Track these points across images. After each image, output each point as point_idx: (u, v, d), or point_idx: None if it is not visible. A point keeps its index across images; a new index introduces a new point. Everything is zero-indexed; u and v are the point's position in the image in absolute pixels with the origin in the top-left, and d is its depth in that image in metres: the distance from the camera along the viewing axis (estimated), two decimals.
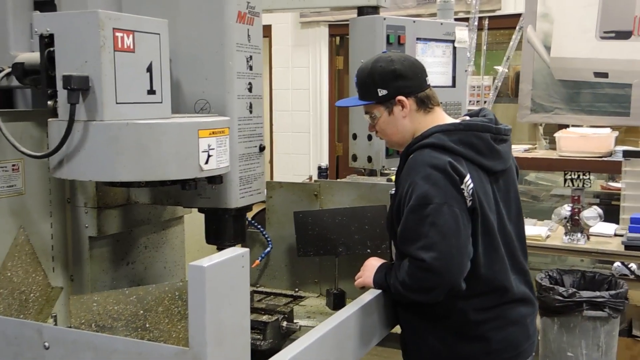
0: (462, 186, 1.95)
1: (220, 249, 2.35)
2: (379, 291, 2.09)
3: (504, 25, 6.07)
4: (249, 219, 2.63)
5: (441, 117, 2.16)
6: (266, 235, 2.72)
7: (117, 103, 1.77)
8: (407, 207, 1.97)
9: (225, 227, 2.29)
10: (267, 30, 6.97)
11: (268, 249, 2.71)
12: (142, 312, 1.72)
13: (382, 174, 3.58)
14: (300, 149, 7.00)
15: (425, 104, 2.15)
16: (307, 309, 2.62)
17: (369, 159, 2.59)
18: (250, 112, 2.25)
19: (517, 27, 5.62)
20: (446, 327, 2.05)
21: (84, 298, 1.75)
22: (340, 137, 6.97)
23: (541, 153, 5.37)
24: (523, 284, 2.13)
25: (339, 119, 7.02)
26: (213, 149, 1.88)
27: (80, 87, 1.71)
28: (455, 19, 3.02)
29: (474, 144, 2.04)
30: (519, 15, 5.68)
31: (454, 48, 2.79)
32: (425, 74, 2.20)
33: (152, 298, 1.74)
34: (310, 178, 5.81)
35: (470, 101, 5.80)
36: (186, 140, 1.82)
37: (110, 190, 2.32)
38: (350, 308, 1.94)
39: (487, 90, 5.87)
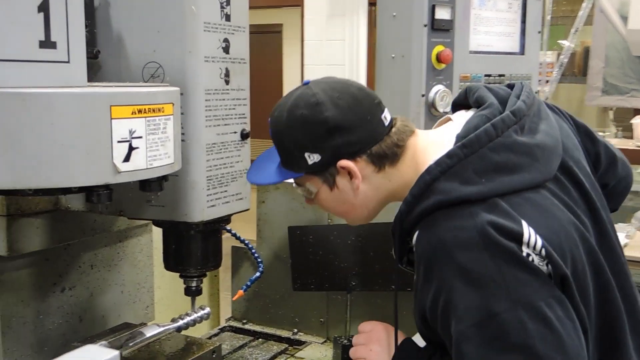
0: (527, 251, 1.13)
1: (184, 277, 1.67)
2: None
3: None
4: (233, 231, 1.92)
5: (422, 152, 1.33)
6: (256, 256, 1.98)
7: None
8: (452, 326, 1.15)
9: (189, 249, 1.61)
10: None
11: (257, 274, 1.96)
12: None
13: None
14: None
15: (389, 156, 1.33)
16: None
17: None
18: (227, 82, 1.56)
19: None
20: None
21: None
22: None
23: (613, 142, 4.57)
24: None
25: None
26: (140, 137, 1.18)
27: None
28: None
29: (500, 163, 1.20)
30: None
31: (524, 1, 2.03)
32: (378, 107, 1.34)
33: None
34: None
35: None
36: (89, 123, 1.12)
37: None
38: None
39: (549, 68, 5.05)
